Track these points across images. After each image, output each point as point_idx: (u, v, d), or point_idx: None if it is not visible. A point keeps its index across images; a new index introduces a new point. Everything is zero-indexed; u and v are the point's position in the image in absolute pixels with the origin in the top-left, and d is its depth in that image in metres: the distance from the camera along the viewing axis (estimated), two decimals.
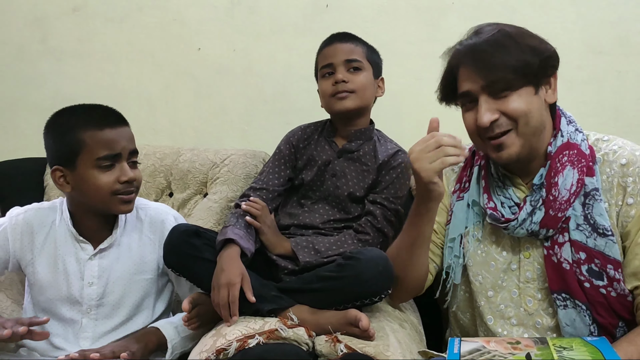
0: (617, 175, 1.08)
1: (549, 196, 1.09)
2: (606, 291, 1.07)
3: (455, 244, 1.23)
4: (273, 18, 1.96)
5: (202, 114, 2.05)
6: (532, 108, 1.07)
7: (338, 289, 1.18)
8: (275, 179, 1.45)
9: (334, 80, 1.37)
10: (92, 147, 1.21)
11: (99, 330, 1.28)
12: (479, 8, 1.92)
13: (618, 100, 1.90)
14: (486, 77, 1.06)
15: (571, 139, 1.11)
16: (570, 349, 1.01)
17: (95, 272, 1.29)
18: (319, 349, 1.12)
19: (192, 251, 1.24)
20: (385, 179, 1.38)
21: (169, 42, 2.03)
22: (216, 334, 1.16)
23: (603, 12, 1.89)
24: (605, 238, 1.06)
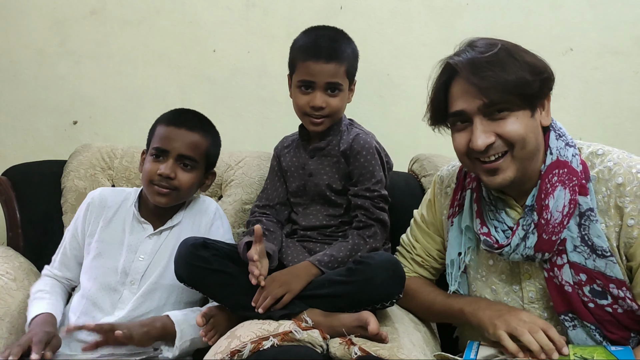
0: (613, 196, 1.03)
1: (540, 220, 1.04)
2: (612, 309, 1.04)
3: (453, 271, 1.21)
4: (287, 20, 1.97)
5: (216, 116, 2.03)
6: (528, 132, 1.02)
7: (349, 294, 1.19)
8: (274, 192, 1.50)
9: (311, 101, 1.35)
10: (155, 137, 1.40)
11: (136, 304, 1.35)
12: (494, 9, 1.91)
13: (635, 101, 1.88)
14: (485, 96, 0.99)
15: (561, 156, 1.05)
16: (590, 358, 0.99)
17: (148, 250, 1.40)
18: (333, 352, 1.12)
19: (201, 263, 1.25)
20: (356, 166, 1.37)
21: (184, 45, 2.05)
22: (230, 335, 1.17)
23: (620, 13, 1.87)
24: (605, 259, 1.02)
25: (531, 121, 1.03)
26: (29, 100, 2.07)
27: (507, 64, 0.99)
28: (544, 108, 1.06)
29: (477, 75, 1.00)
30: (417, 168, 1.68)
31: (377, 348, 1.10)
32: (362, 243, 1.32)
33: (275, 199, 1.49)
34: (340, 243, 1.33)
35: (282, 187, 1.50)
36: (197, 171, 1.42)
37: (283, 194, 1.49)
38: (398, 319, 1.24)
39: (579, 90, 1.87)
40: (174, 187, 1.37)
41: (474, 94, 1.00)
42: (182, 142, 1.38)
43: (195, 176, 1.41)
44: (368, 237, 1.34)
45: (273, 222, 1.44)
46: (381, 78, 1.97)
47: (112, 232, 1.43)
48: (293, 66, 1.41)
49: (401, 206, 1.46)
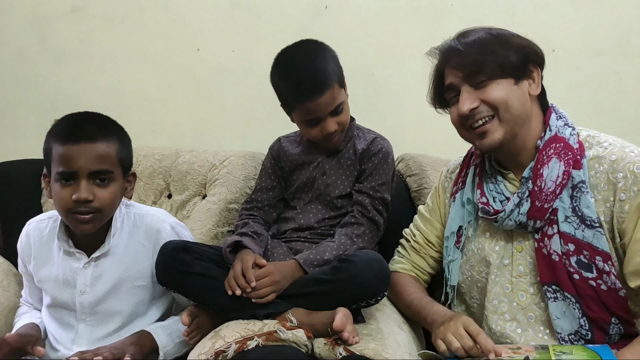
0: (606, 172, 1.08)
1: (534, 187, 1.11)
2: (596, 284, 1.07)
3: (449, 243, 1.25)
4: (273, 19, 1.96)
5: (201, 115, 2.05)
6: (511, 96, 1.11)
7: (334, 292, 1.18)
8: (265, 194, 1.48)
9: (324, 129, 1.35)
10: (54, 160, 1.21)
11: (94, 336, 1.28)
12: (478, 10, 1.92)
13: (617, 101, 1.90)
14: (466, 68, 1.11)
15: (559, 132, 1.13)
16: (569, 353, 1.01)
17: (87, 281, 1.28)
18: (318, 352, 1.12)
19: (182, 267, 1.24)
20: (368, 166, 1.40)
21: (169, 43, 2.03)
22: (215, 336, 1.16)
23: (602, 14, 1.90)
24: (593, 230, 1.07)
25: (515, 88, 1.12)
26: (9, 98, 2.04)
27: (489, 43, 1.12)
28: (533, 81, 1.15)
29: (459, 53, 1.13)
30: (403, 167, 1.68)
31: (362, 348, 1.09)
32: (349, 243, 1.32)
33: (265, 201, 1.47)
34: (326, 243, 1.32)
35: (273, 190, 1.48)
36: (116, 182, 1.24)
37: (273, 197, 1.48)
38: (383, 318, 1.24)
39: (561, 90, 1.89)
40: (96, 209, 1.21)
41: (458, 67, 1.13)
42: (89, 158, 1.19)
43: (116, 188, 1.24)
44: (356, 236, 1.33)
45: (260, 224, 1.43)
46: (366, 77, 1.97)
47: (45, 270, 1.31)
48: (291, 108, 1.39)
49: None
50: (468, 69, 1.11)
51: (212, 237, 1.61)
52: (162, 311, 1.37)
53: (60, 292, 1.29)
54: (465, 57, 1.12)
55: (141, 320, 1.32)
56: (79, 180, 1.19)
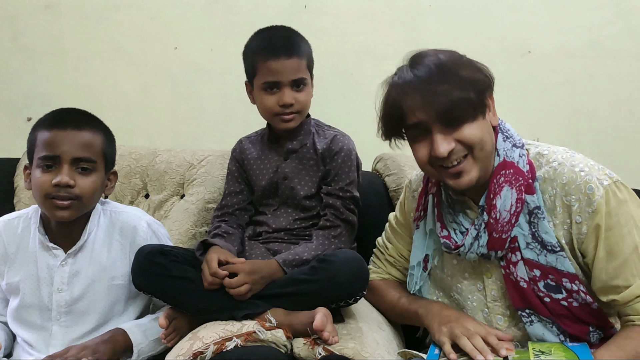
0: (559, 195, 1.06)
1: (490, 219, 1.08)
2: (567, 303, 1.07)
3: (415, 272, 1.23)
4: (251, 18, 1.95)
5: (179, 114, 2.03)
6: (484, 133, 1.07)
7: (313, 292, 1.18)
8: (234, 198, 1.47)
9: (280, 100, 1.34)
10: (38, 146, 1.22)
11: (69, 337, 1.26)
12: (455, 11, 1.94)
13: (590, 102, 1.94)
14: (435, 110, 1.04)
15: (507, 157, 1.09)
16: (548, 353, 1.02)
17: (65, 279, 1.27)
18: (297, 352, 1.12)
19: (159, 271, 1.22)
20: (333, 166, 1.39)
21: (145, 41, 2.01)
22: (193, 337, 1.15)
23: (576, 17, 1.93)
24: (555, 254, 1.06)
25: (484, 123, 1.08)
26: None
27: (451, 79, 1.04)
28: (489, 109, 1.11)
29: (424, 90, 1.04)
30: (381, 167, 1.69)
31: (341, 347, 1.09)
32: (327, 244, 1.32)
33: (235, 206, 1.46)
34: (305, 244, 1.32)
35: (242, 193, 1.47)
36: (97, 173, 1.24)
37: (243, 200, 1.47)
38: (363, 318, 1.25)
39: (536, 92, 1.92)
40: (76, 196, 1.20)
41: (429, 106, 1.04)
42: (73, 143, 1.21)
43: (97, 180, 1.24)
44: (334, 237, 1.33)
45: (233, 227, 1.42)
46: (345, 77, 1.97)
47: (21, 268, 1.28)
48: (253, 70, 1.39)
49: (365, 206, 1.46)
50: (440, 109, 1.03)
51: (191, 237, 1.59)
52: (139, 310, 1.35)
53: (36, 291, 1.27)
54: (433, 96, 1.03)
55: (118, 320, 1.31)
56: (61, 166, 1.20)
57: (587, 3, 1.92)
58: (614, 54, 1.95)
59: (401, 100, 1.08)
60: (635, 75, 1.95)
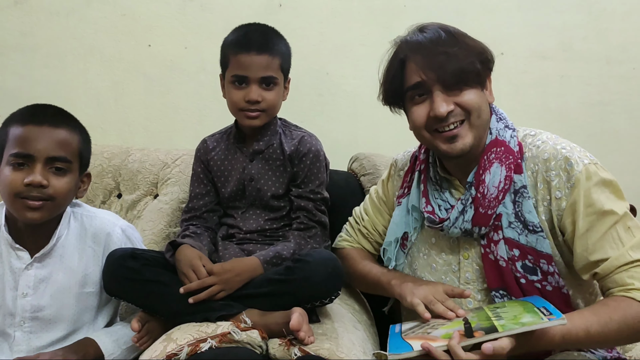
0: (541, 171, 1.09)
1: (477, 194, 1.10)
2: (541, 285, 1.10)
3: (391, 248, 1.25)
4: (226, 16, 1.94)
5: (153, 113, 2.00)
6: (482, 103, 1.11)
7: (288, 292, 1.18)
8: (200, 200, 1.44)
9: (246, 96, 1.33)
10: (10, 141, 1.16)
11: (34, 345, 1.21)
12: (430, 11, 1.95)
13: (561, 103, 1.98)
14: (442, 69, 1.07)
15: (499, 135, 1.13)
16: (503, 307, 1.05)
17: (30, 283, 1.21)
18: (273, 352, 1.11)
19: (131, 275, 1.20)
20: (301, 168, 1.38)
21: (118, 38, 1.98)
22: (166, 339, 1.13)
23: (548, 19, 1.97)
24: (536, 234, 1.09)
25: (482, 94, 1.12)
26: None
27: (454, 45, 1.09)
28: (487, 88, 1.15)
29: (429, 52, 1.09)
30: (357, 167, 1.69)
31: (317, 347, 1.09)
32: (303, 243, 1.32)
33: (202, 208, 1.43)
34: (283, 243, 1.32)
35: (209, 194, 1.45)
36: (72, 174, 1.19)
37: (210, 201, 1.44)
38: (338, 318, 1.25)
39: (509, 92, 1.95)
40: (49, 197, 1.14)
41: (433, 67, 1.08)
42: (49, 142, 1.15)
43: (71, 181, 1.18)
44: (309, 237, 1.34)
45: (201, 228, 1.40)
46: (320, 77, 1.97)
47: None
48: (225, 62, 1.38)
49: (341, 205, 1.47)
50: (443, 70, 1.07)
51: (164, 238, 1.57)
52: (109, 317, 1.32)
53: (0, 295, 1.21)
54: (439, 57, 1.08)
55: (87, 329, 1.27)
56: (35, 164, 1.14)
57: (558, 6, 1.96)
58: (585, 56, 1.99)
59: (409, 58, 1.12)
60: (605, 78, 1.99)
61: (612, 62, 1.99)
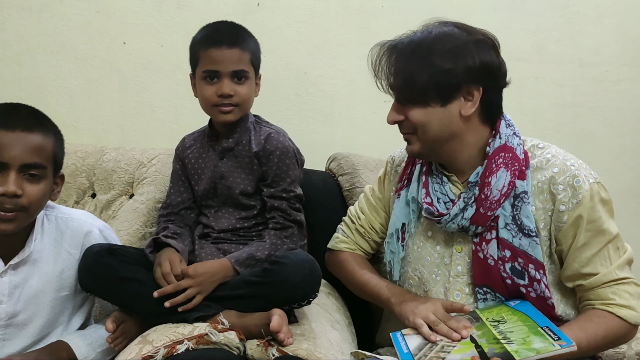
0: (548, 182, 1.13)
1: (481, 194, 1.13)
2: (526, 290, 1.12)
3: (392, 240, 1.26)
4: (202, 15, 1.92)
5: (128, 111, 1.98)
6: (431, 120, 1.13)
7: (265, 295, 1.17)
8: (178, 197, 1.43)
9: (218, 90, 1.31)
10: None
11: (6, 351, 1.17)
12: (407, 12, 1.97)
13: (535, 104, 2.01)
14: (396, 83, 1.14)
15: (508, 142, 1.16)
16: (503, 321, 1.07)
17: (5, 290, 1.17)
18: (251, 354, 1.11)
19: (108, 272, 1.18)
20: (270, 167, 1.35)
21: (91, 35, 1.94)
22: (142, 341, 1.11)
23: (523, 21, 2.00)
24: (530, 239, 1.12)
25: (440, 111, 1.12)
26: None
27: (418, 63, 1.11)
28: (471, 98, 1.13)
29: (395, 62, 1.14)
30: (335, 167, 1.69)
31: (295, 348, 1.09)
32: (279, 243, 1.31)
33: (180, 205, 1.42)
34: (258, 243, 1.30)
35: (187, 192, 1.44)
36: (46, 180, 1.13)
37: (188, 198, 1.43)
38: (315, 318, 1.25)
39: None
40: (22, 207, 1.09)
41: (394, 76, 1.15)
42: (23, 148, 1.09)
43: (46, 186, 1.13)
44: (285, 237, 1.32)
45: (180, 226, 1.39)
46: (298, 76, 1.97)
47: None
48: (195, 60, 1.36)
49: (319, 205, 1.47)
50: (397, 82, 1.14)
51: (140, 238, 1.55)
52: (83, 320, 1.30)
53: None
54: (396, 70, 1.14)
55: (61, 332, 1.24)
56: (8, 172, 1.08)
57: (533, 9, 1.99)
58: (558, 58, 2.03)
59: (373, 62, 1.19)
60: (577, 80, 2.04)
61: (584, 64, 2.03)
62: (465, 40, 1.13)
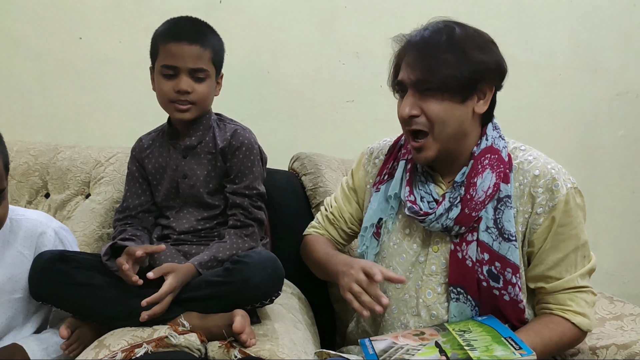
0: (529, 185, 1.14)
1: (466, 195, 1.14)
2: (499, 293, 1.14)
3: (366, 234, 1.26)
4: (162, 10, 1.88)
5: (84, 109, 1.92)
6: (450, 116, 1.11)
7: (227, 295, 1.16)
8: (136, 200, 1.40)
9: (175, 86, 1.30)
10: None
11: None
12: (370, 13, 1.98)
13: None
14: (420, 73, 1.10)
15: (495, 144, 1.17)
16: (469, 331, 1.09)
17: None
18: (212, 355, 1.09)
19: (60, 278, 1.15)
20: (234, 162, 1.35)
21: (45, 29, 1.88)
22: (99, 345, 1.09)
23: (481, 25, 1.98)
24: (509, 243, 1.13)
25: (458, 107, 1.11)
26: None
27: (450, 52, 1.09)
28: (484, 97, 1.14)
29: (416, 54, 1.11)
30: (298, 166, 1.69)
31: (257, 349, 1.08)
32: (240, 242, 1.29)
33: (138, 208, 1.39)
34: (218, 244, 1.29)
35: (145, 194, 1.40)
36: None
37: (146, 201, 1.40)
38: (278, 318, 1.24)
39: None
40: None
41: (413, 67, 1.11)
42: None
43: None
44: (246, 235, 1.31)
45: (138, 229, 1.36)
46: (261, 75, 1.95)
47: None
48: (155, 53, 1.34)
49: (282, 205, 1.46)
50: (420, 74, 1.10)
51: (97, 239, 1.52)
52: (40, 322, 1.25)
53: None
54: (421, 60, 1.10)
55: (15, 334, 1.20)
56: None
57: (491, 12, 2.04)
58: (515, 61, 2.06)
59: (403, 54, 1.16)
60: (533, 83, 2.09)
61: (539, 67, 2.09)
62: (488, 39, 1.17)
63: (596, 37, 2.11)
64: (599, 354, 1.17)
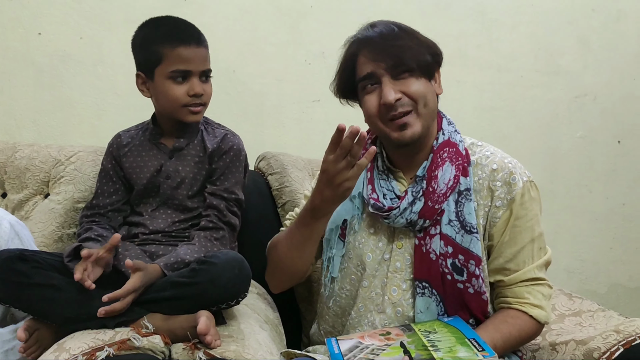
0: (487, 179, 1.18)
1: (429, 188, 1.16)
2: (464, 286, 1.16)
3: (332, 236, 1.26)
4: (126, 7, 1.85)
5: (43, 106, 1.87)
6: (428, 91, 1.16)
7: (193, 295, 1.14)
8: (107, 198, 1.38)
9: (190, 90, 1.30)
10: None
11: None
12: (336, 13, 1.99)
13: (458, 107, 2.09)
14: (390, 59, 1.14)
15: (451, 137, 1.20)
16: (434, 332, 1.10)
17: None
18: (176, 357, 1.07)
19: (19, 278, 1.12)
20: (219, 165, 1.35)
21: (2, 24, 1.83)
22: (58, 348, 1.06)
23: (447, 26, 2.07)
24: (471, 235, 1.16)
25: (429, 85, 1.18)
26: None
27: (405, 38, 1.17)
28: (436, 81, 1.21)
29: (380, 43, 1.15)
30: (264, 166, 1.68)
31: (223, 350, 1.07)
32: (209, 245, 1.28)
33: (108, 207, 1.37)
34: (186, 245, 1.27)
35: (117, 193, 1.38)
36: None
37: (117, 200, 1.38)
38: (244, 319, 1.23)
39: None
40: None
41: (382, 56, 1.14)
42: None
43: None
44: (216, 239, 1.30)
45: (105, 228, 1.33)
46: (227, 75, 1.94)
47: None
48: (157, 58, 1.30)
49: (248, 204, 1.45)
50: (391, 60, 1.14)
51: (56, 240, 1.48)
52: None
53: None
54: (389, 48, 1.14)
55: None
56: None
57: (456, 15, 2.08)
58: (478, 63, 2.12)
59: (360, 51, 1.18)
60: (496, 85, 2.14)
61: (502, 69, 2.14)
62: None
63: (556, 40, 2.17)
64: (558, 350, 1.20)
